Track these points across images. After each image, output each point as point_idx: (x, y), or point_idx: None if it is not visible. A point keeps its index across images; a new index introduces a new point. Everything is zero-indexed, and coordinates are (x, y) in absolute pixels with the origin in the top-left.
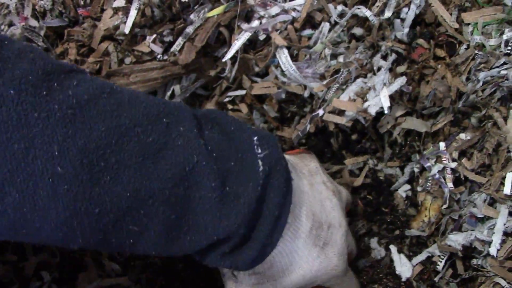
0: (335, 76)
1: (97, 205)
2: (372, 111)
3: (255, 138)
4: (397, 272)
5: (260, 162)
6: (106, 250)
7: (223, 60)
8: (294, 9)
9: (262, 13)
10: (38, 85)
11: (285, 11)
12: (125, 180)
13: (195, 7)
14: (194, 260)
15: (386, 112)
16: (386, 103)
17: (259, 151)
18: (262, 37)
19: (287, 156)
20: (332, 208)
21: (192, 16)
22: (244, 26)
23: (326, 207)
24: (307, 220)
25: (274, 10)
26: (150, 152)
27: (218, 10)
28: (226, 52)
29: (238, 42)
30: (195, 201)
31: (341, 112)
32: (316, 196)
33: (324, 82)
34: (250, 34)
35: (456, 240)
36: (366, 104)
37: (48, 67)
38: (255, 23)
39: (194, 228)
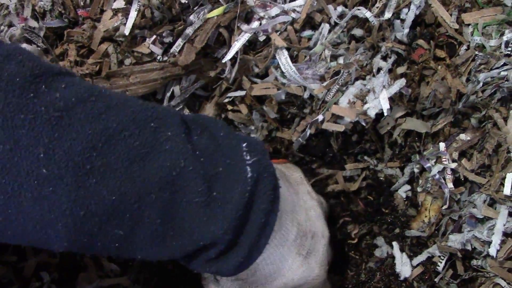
0: (335, 77)
1: (82, 207)
2: (372, 113)
3: (244, 144)
4: (396, 270)
5: (248, 169)
6: (91, 253)
7: (223, 61)
8: (294, 10)
9: (262, 14)
10: (25, 87)
11: (284, 12)
12: (111, 184)
13: (195, 8)
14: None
15: (386, 114)
16: (385, 106)
17: (248, 157)
18: (262, 38)
19: (274, 164)
20: (316, 218)
21: (191, 17)
22: (244, 27)
23: (311, 217)
24: (293, 228)
25: (274, 11)
26: (137, 156)
27: (218, 11)
28: (226, 53)
29: (238, 43)
30: (181, 205)
31: (340, 117)
32: (302, 205)
33: (324, 84)
34: (250, 35)
35: (456, 240)
36: (365, 107)
37: (37, 70)
38: (255, 24)
39: (180, 233)
